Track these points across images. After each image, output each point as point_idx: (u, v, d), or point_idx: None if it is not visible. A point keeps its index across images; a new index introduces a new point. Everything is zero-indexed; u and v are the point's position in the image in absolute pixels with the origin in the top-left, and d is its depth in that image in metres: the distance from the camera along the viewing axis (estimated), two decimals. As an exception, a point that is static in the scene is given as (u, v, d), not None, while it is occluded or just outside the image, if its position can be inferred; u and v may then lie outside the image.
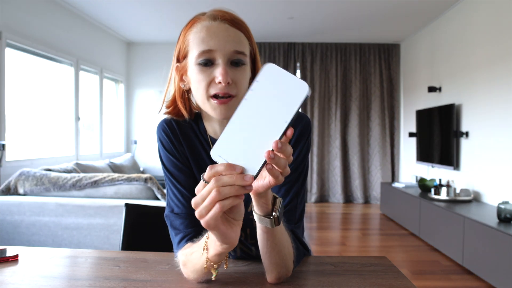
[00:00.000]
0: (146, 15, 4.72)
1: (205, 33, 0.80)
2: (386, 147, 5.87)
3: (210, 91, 0.81)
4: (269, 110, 0.56)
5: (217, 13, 0.83)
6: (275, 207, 0.68)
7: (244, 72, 0.83)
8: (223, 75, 0.78)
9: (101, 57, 5.19)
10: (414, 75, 5.35)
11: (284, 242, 0.75)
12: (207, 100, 0.82)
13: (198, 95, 0.83)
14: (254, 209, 0.69)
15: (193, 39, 0.82)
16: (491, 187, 3.41)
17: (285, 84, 0.56)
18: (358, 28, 5.18)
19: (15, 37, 3.48)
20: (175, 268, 0.87)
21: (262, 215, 0.68)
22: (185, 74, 0.87)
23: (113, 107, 5.75)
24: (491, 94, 3.43)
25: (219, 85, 0.79)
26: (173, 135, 0.92)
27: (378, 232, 4.26)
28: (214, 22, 0.81)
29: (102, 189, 2.57)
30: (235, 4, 4.26)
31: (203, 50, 0.79)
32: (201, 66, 0.81)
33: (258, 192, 0.62)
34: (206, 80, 0.80)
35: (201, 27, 0.81)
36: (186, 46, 0.84)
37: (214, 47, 0.79)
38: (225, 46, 0.79)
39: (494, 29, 3.41)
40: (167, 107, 0.92)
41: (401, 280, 0.81)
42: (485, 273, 2.65)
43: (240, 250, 0.94)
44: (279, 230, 0.71)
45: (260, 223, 0.69)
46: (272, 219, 0.67)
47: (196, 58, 0.81)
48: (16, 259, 0.93)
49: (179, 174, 0.89)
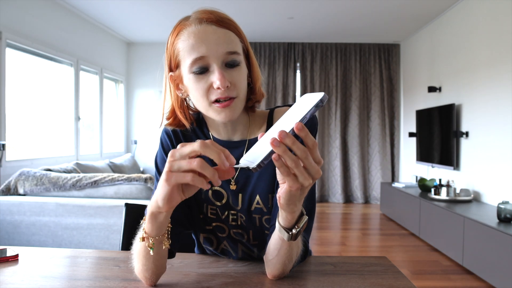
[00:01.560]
0: (146, 15, 4.72)
1: (194, 39, 0.77)
2: (386, 147, 5.87)
3: (211, 97, 0.79)
4: (288, 118, 0.59)
5: (202, 16, 0.79)
6: (298, 224, 0.67)
7: (241, 72, 0.81)
8: (220, 80, 0.76)
9: (101, 57, 5.19)
10: (414, 75, 5.35)
11: (296, 249, 0.76)
12: (209, 106, 0.80)
13: (199, 103, 0.82)
14: (278, 218, 0.69)
15: (182, 48, 0.79)
16: (491, 187, 3.41)
17: (308, 98, 0.59)
18: (358, 28, 5.18)
19: (15, 37, 3.48)
20: (175, 268, 0.88)
21: (283, 227, 0.69)
22: (181, 83, 0.84)
23: (113, 107, 5.75)
24: (491, 94, 3.43)
25: (218, 91, 0.78)
26: (176, 141, 0.92)
27: (378, 232, 4.26)
28: (200, 26, 0.78)
29: (102, 189, 2.57)
30: (235, 4, 4.26)
31: (195, 58, 0.77)
32: (196, 75, 0.78)
33: (281, 201, 0.62)
34: (204, 88, 0.78)
35: (188, 33, 0.78)
36: (176, 56, 0.81)
37: (206, 53, 0.76)
38: (217, 49, 0.77)
39: (494, 29, 3.41)
40: (167, 119, 0.90)
41: (401, 280, 0.81)
42: (485, 273, 2.65)
43: (242, 251, 0.94)
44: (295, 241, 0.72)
45: (279, 233, 0.70)
46: (290, 234, 0.68)
47: (189, 67, 0.78)
48: (16, 259, 0.93)
49: None
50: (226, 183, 0.89)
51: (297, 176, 0.57)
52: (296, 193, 0.60)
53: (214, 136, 0.91)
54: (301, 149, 0.55)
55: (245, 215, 0.89)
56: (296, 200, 0.62)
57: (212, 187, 0.90)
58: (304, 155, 0.55)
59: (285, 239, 0.69)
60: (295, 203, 0.63)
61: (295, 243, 0.73)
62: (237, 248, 0.93)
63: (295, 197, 0.61)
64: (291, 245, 0.72)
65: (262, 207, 0.88)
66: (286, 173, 0.56)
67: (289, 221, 0.67)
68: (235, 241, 0.93)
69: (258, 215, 0.89)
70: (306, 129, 0.54)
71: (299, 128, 0.54)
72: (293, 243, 0.72)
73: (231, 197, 0.89)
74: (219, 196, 0.90)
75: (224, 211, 0.90)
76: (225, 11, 0.83)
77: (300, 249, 0.79)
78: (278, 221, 0.69)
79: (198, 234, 0.96)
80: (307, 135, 0.55)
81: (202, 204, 0.92)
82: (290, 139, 0.54)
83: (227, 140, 0.90)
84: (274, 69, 5.94)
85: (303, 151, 0.55)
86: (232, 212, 0.90)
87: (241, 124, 0.90)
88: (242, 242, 0.92)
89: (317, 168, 0.57)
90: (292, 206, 0.63)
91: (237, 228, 0.91)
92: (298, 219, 0.68)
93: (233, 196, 0.89)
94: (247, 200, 0.88)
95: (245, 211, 0.89)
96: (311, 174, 0.57)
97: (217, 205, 0.90)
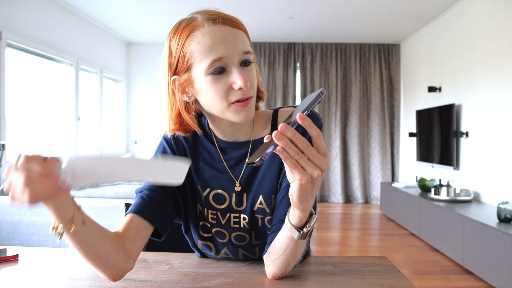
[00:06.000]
0: (146, 15, 4.73)
1: (210, 40, 0.74)
2: (386, 147, 5.87)
3: (230, 99, 0.77)
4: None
5: (213, 16, 0.77)
6: (309, 223, 0.69)
7: (254, 70, 0.81)
8: (243, 80, 0.74)
9: (101, 57, 5.19)
10: (414, 75, 5.35)
11: (302, 248, 0.77)
12: (228, 107, 0.77)
13: (215, 105, 0.78)
14: (289, 216, 0.70)
15: (197, 50, 0.75)
16: (491, 187, 3.41)
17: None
18: (358, 28, 5.18)
19: (15, 37, 3.48)
20: (175, 268, 0.88)
21: (294, 225, 0.69)
22: (189, 86, 0.80)
23: (113, 107, 5.75)
24: (491, 94, 3.43)
25: (239, 91, 0.76)
26: (177, 147, 0.91)
27: (378, 232, 4.26)
28: (215, 27, 0.76)
29: (102, 189, 2.57)
30: (236, 4, 4.26)
31: (214, 59, 0.74)
32: (215, 75, 0.75)
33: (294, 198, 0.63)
34: (223, 89, 0.76)
35: (203, 34, 0.75)
36: (188, 59, 0.77)
37: (224, 54, 0.74)
38: (234, 49, 0.75)
39: (494, 29, 3.41)
40: (174, 124, 0.86)
41: (401, 280, 0.81)
42: (485, 273, 2.65)
43: (243, 255, 0.93)
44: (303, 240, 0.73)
45: (289, 232, 0.70)
46: (301, 233, 0.69)
47: (207, 69, 0.75)
48: (16, 259, 0.93)
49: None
50: (231, 185, 0.88)
51: (304, 168, 0.58)
52: (307, 187, 0.61)
53: (219, 137, 0.90)
54: (301, 140, 0.57)
55: (248, 215, 0.89)
56: (308, 195, 0.63)
57: (212, 190, 0.89)
58: (305, 146, 0.57)
59: (295, 238, 0.69)
60: (307, 198, 0.64)
61: (301, 243, 0.73)
62: (238, 252, 0.93)
63: (307, 191, 0.62)
64: (298, 244, 0.73)
65: (265, 207, 0.87)
66: (293, 165, 0.57)
67: (300, 220, 0.68)
68: (236, 246, 0.92)
69: (261, 215, 0.88)
70: (309, 119, 0.56)
71: (302, 118, 0.56)
72: (299, 242, 0.72)
73: (234, 198, 0.89)
74: (221, 199, 0.89)
75: (225, 214, 0.90)
76: (225, 11, 0.82)
77: (304, 249, 0.79)
78: (288, 219, 0.70)
79: (197, 241, 0.95)
80: (311, 125, 0.57)
81: (202, 210, 0.91)
82: (291, 132, 0.56)
83: (232, 141, 0.89)
84: (274, 69, 5.94)
85: (304, 143, 0.57)
86: (234, 215, 0.89)
87: (245, 124, 0.89)
88: (243, 246, 0.91)
89: (322, 158, 0.59)
90: (305, 203, 0.64)
91: (238, 231, 0.90)
92: (309, 218, 0.69)
93: (237, 197, 0.89)
94: (251, 199, 0.88)
95: (248, 211, 0.88)
96: (318, 164, 0.59)
97: (218, 208, 0.90)
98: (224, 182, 0.89)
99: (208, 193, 0.90)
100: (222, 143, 0.89)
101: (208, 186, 0.90)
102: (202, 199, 0.90)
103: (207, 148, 0.91)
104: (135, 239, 0.79)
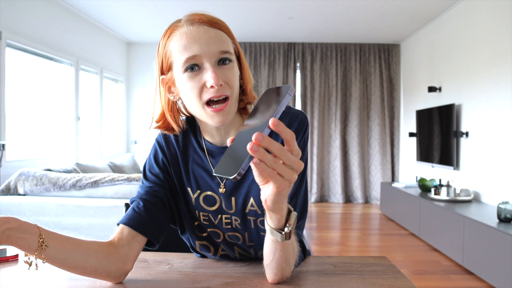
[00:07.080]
0: (146, 15, 4.73)
1: (186, 39, 0.77)
2: (386, 147, 5.87)
3: (204, 97, 0.78)
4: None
5: (193, 17, 0.80)
6: (289, 222, 0.65)
7: (233, 69, 0.80)
8: (214, 78, 0.75)
9: (101, 57, 5.19)
10: (414, 75, 5.35)
11: (292, 249, 0.74)
12: (203, 108, 0.79)
13: (193, 104, 0.80)
14: (267, 220, 0.67)
15: (174, 49, 0.79)
16: (491, 187, 3.41)
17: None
18: (358, 28, 5.18)
19: (15, 37, 3.48)
20: (175, 268, 0.87)
21: (274, 228, 0.66)
22: (173, 86, 0.84)
23: (113, 107, 5.75)
24: (491, 94, 3.43)
25: (212, 89, 0.77)
26: (167, 147, 0.92)
27: (378, 232, 4.26)
28: (192, 27, 0.78)
29: (102, 189, 2.57)
30: (236, 4, 4.26)
31: (188, 57, 0.77)
32: (189, 73, 0.78)
33: (268, 203, 0.60)
34: (198, 87, 0.77)
35: (180, 34, 0.78)
36: (168, 57, 0.81)
37: (198, 52, 0.76)
38: (209, 48, 0.77)
39: (494, 29, 3.41)
40: (157, 122, 0.90)
41: (401, 280, 0.81)
42: (485, 273, 2.65)
43: (239, 254, 0.94)
44: (290, 240, 0.70)
45: (271, 235, 0.67)
46: (283, 234, 0.65)
47: (182, 67, 0.78)
48: (16, 259, 0.93)
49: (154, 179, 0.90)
50: (216, 187, 0.89)
51: (281, 175, 0.55)
52: (284, 192, 0.58)
53: (207, 140, 0.90)
54: (277, 147, 0.53)
55: (240, 217, 0.89)
56: (284, 198, 0.61)
57: (202, 192, 0.90)
58: (283, 153, 0.54)
59: (279, 240, 0.66)
60: (282, 201, 0.61)
61: (290, 244, 0.72)
62: (234, 251, 0.93)
63: (284, 195, 0.59)
64: (286, 246, 0.71)
65: (256, 209, 0.87)
66: (271, 175, 0.54)
67: (278, 221, 0.65)
68: (231, 244, 0.92)
69: (253, 217, 0.88)
70: (282, 123, 0.53)
71: (275, 124, 0.52)
72: (288, 244, 0.70)
73: (224, 201, 0.89)
74: (211, 201, 0.90)
75: (216, 216, 0.90)
76: (225, 11, 0.83)
77: (297, 249, 0.78)
78: (267, 224, 0.67)
79: (195, 243, 0.95)
80: (284, 129, 0.53)
81: (194, 212, 0.91)
82: (267, 141, 0.52)
83: (220, 146, 0.89)
84: (274, 69, 5.94)
85: (281, 149, 0.54)
86: (225, 216, 0.89)
87: (234, 127, 0.89)
88: (238, 244, 0.92)
89: (296, 160, 0.55)
90: (280, 205, 0.61)
91: (232, 231, 0.90)
92: (287, 217, 0.65)
93: (226, 200, 0.89)
94: (241, 202, 0.88)
95: (239, 214, 0.88)
96: (294, 168, 0.56)
97: (209, 210, 0.90)
98: (214, 185, 0.89)
99: (198, 195, 0.90)
100: (210, 146, 0.90)
101: (198, 188, 0.90)
102: (193, 201, 0.91)
103: (196, 150, 0.91)
104: (130, 243, 0.81)
